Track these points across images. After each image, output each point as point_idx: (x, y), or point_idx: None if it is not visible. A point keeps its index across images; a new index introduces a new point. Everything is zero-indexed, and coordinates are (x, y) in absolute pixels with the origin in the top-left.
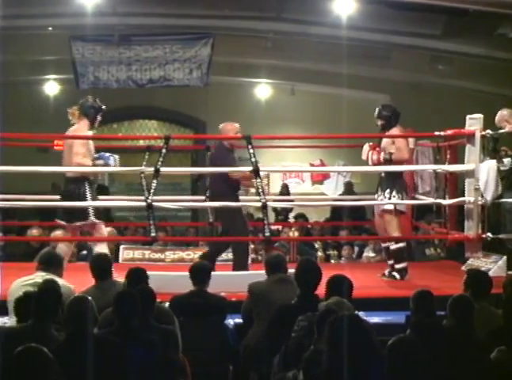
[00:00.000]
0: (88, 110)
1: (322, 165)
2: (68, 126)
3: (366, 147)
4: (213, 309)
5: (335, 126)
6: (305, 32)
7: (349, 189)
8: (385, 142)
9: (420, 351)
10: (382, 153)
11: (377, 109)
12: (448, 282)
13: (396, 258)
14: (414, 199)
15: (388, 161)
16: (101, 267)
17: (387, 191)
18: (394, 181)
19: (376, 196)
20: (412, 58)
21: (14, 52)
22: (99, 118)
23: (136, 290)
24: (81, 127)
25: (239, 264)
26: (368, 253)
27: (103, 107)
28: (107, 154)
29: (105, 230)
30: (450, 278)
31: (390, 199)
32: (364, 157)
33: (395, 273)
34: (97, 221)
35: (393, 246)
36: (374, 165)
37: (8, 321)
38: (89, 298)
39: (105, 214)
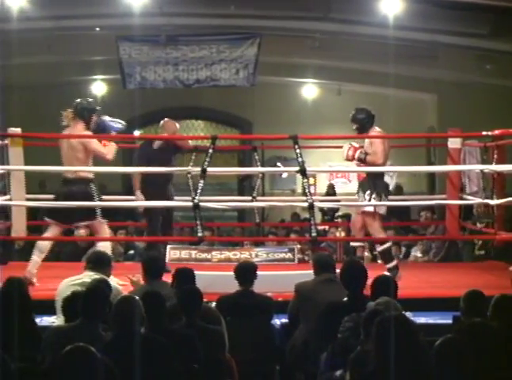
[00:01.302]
0: (82, 112)
1: None
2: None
3: (347, 146)
4: (260, 309)
5: (382, 126)
6: (352, 32)
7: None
8: (365, 142)
9: (468, 352)
10: (358, 152)
11: (352, 113)
12: (495, 282)
13: (385, 259)
14: (461, 199)
15: (362, 161)
16: (154, 267)
17: (368, 192)
18: (374, 183)
19: (356, 196)
20: (459, 58)
21: (62, 53)
22: (94, 118)
23: (183, 290)
24: (77, 130)
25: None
26: (416, 253)
27: (97, 108)
28: (110, 122)
29: (108, 230)
30: (497, 278)
31: (370, 200)
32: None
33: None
34: (102, 220)
35: (379, 248)
36: (348, 160)
37: (56, 320)
38: (137, 297)
39: None
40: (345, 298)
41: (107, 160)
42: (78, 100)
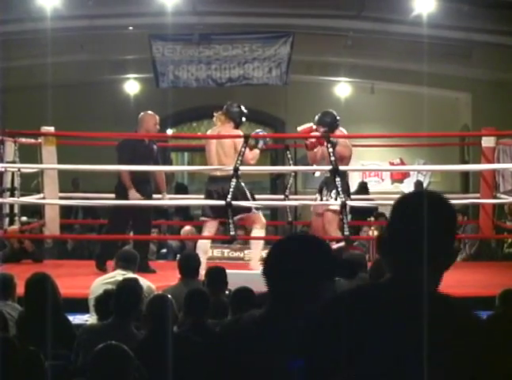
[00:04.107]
0: (234, 114)
1: (402, 163)
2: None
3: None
4: None
5: (415, 124)
6: (385, 31)
7: (419, 189)
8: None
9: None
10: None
11: (317, 117)
12: None
13: None
14: (495, 198)
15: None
16: (190, 265)
17: (334, 191)
18: (340, 182)
19: (316, 196)
20: (494, 56)
21: (95, 52)
22: (243, 121)
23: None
24: (226, 131)
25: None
26: None
27: (245, 111)
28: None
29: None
30: None
31: (336, 199)
32: (299, 129)
33: None
34: (256, 211)
35: (334, 246)
36: (311, 145)
37: (89, 318)
38: (169, 296)
39: (184, 213)
40: None
41: (250, 164)
42: (232, 103)
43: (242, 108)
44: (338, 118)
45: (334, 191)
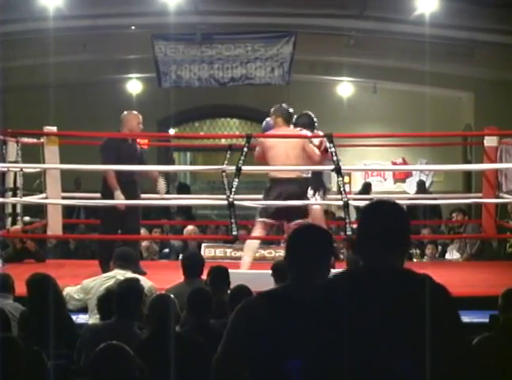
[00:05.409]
0: (287, 116)
1: (405, 163)
2: (151, 125)
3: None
4: None
5: (418, 124)
6: (388, 30)
7: (421, 188)
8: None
9: (506, 350)
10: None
11: (295, 119)
12: None
13: None
14: (498, 197)
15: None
16: (193, 265)
17: (322, 191)
18: (321, 181)
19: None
20: (496, 56)
21: (98, 51)
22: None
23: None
24: (293, 131)
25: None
26: (452, 252)
27: (292, 111)
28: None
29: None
30: None
31: (323, 199)
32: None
33: None
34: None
35: None
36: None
37: (89, 318)
38: (172, 295)
39: (186, 213)
40: None
41: (316, 161)
42: (282, 105)
43: (290, 108)
44: (315, 119)
45: (322, 190)
